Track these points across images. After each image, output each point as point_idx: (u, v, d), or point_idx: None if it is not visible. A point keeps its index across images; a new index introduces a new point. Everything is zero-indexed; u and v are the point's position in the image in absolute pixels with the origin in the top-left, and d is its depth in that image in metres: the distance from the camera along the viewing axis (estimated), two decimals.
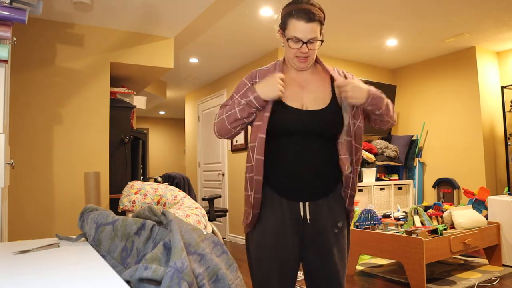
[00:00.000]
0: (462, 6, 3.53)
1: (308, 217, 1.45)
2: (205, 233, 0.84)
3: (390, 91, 5.18)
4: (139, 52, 3.66)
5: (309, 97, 1.49)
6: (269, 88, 1.41)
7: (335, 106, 1.48)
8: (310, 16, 1.41)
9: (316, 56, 1.57)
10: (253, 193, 1.45)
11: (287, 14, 1.46)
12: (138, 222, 0.91)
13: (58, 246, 1.01)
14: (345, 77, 1.57)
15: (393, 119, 1.59)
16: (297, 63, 1.51)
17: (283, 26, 1.48)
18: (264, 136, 1.43)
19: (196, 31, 3.99)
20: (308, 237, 1.47)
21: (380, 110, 1.49)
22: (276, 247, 1.45)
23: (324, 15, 1.48)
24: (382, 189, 4.68)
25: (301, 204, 1.46)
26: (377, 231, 3.24)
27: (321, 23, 1.45)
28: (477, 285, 2.96)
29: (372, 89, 1.46)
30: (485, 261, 3.66)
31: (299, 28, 1.42)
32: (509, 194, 3.85)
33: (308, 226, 1.46)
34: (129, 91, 3.79)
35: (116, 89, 3.70)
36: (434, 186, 4.94)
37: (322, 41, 1.47)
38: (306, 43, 1.43)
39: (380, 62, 5.28)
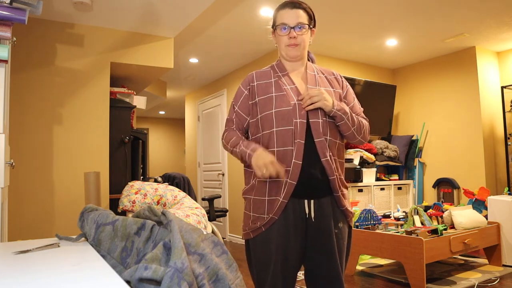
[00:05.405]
0: (462, 6, 3.53)
1: (312, 215, 1.47)
2: (205, 233, 0.84)
3: (390, 91, 5.18)
4: (139, 52, 3.66)
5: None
6: (258, 164, 1.40)
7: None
8: (294, 4, 1.53)
9: (312, 57, 1.67)
10: (282, 198, 1.44)
11: (275, 12, 1.58)
12: (138, 222, 0.91)
13: (58, 246, 1.01)
14: (340, 80, 1.65)
15: (363, 138, 1.60)
16: (289, 52, 1.55)
17: (274, 24, 1.57)
18: (303, 141, 1.45)
19: (196, 31, 3.99)
20: (310, 237, 1.48)
21: (341, 121, 1.49)
22: (279, 247, 1.45)
23: (312, 12, 1.58)
24: (382, 189, 4.68)
25: (306, 201, 1.47)
26: (377, 231, 3.24)
27: (308, 13, 1.54)
28: (477, 285, 2.96)
29: (337, 102, 1.50)
30: (485, 261, 3.66)
31: (285, 15, 1.52)
32: (509, 194, 3.85)
33: (311, 224, 1.47)
34: (129, 91, 3.79)
35: (116, 89, 3.70)
36: (434, 186, 4.94)
37: (311, 27, 1.55)
38: (293, 28, 1.51)
39: (380, 62, 5.28)
